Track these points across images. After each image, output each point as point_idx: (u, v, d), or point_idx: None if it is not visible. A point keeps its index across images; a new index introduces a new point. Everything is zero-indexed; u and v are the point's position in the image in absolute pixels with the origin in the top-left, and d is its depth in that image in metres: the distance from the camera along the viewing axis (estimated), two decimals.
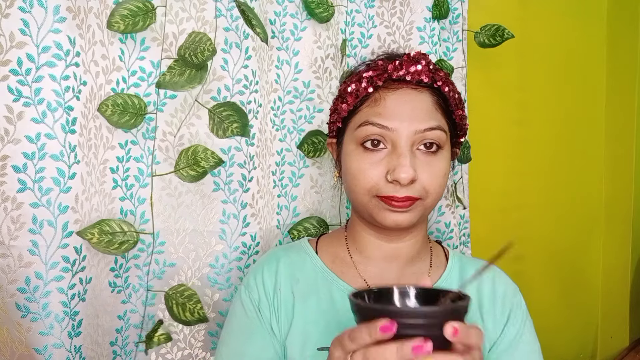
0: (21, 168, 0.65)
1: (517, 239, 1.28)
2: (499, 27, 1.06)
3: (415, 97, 0.66)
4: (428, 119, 0.65)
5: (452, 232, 1.06)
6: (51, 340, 0.66)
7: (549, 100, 1.30)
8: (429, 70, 0.67)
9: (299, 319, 0.67)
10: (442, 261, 0.74)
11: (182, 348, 0.83)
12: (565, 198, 1.36)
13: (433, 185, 0.65)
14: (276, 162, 0.91)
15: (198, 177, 0.78)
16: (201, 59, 0.75)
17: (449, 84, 0.69)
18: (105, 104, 0.73)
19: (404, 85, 0.67)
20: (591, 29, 1.37)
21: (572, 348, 1.42)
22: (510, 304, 0.70)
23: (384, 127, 0.64)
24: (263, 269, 0.71)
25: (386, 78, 0.67)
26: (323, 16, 0.92)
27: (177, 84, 0.77)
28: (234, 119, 0.80)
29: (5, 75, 0.63)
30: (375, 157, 0.65)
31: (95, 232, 0.71)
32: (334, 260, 0.73)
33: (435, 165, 0.66)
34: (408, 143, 0.64)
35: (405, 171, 0.62)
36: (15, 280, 0.65)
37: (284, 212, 0.93)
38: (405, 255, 0.71)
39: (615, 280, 1.43)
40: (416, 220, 0.67)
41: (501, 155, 1.24)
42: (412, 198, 0.64)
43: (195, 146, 0.78)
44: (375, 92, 0.67)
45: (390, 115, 0.65)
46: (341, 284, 0.69)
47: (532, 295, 0.82)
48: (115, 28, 0.73)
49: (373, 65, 0.69)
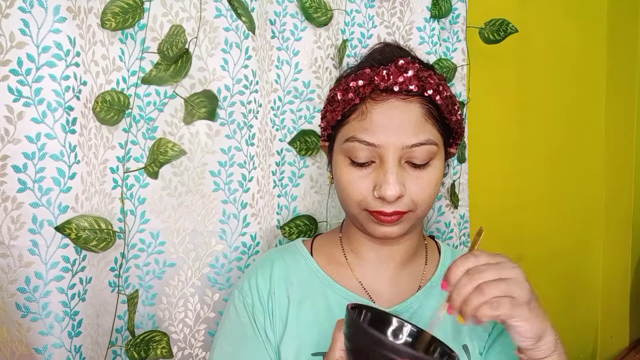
0: (21, 168, 0.65)
1: (517, 239, 1.28)
2: (504, 22, 1.06)
3: (404, 109, 0.63)
4: (417, 133, 0.62)
5: (452, 232, 1.06)
6: (51, 340, 0.67)
7: (549, 100, 1.30)
8: (418, 78, 0.63)
9: (294, 322, 0.67)
10: (436, 257, 0.75)
11: (182, 348, 0.83)
12: (565, 198, 1.36)
13: (422, 198, 0.63)
14: (276, 162, 0.92)
15: (157, 174, 0.77)
16: (175, 51, 0.74)
17: (442, 91, 0.65)
18: (97, 101, 0.72)
19: (392, 97, 0.63)
20: (591, 29, 1.37)
21: (572, 348, 1.41)
22: None
23: (371, 144, 0.62)
24: (257, 274, 0.71)
25: (373, 88, 0.64)
26: (321, 20, 0.92)
27: (162, 79, 0.76)
28: (203, 104, 0.79)
29: (6, 75, 0.63)
30: (364, 171, 0.64)
31: (73, 227, 0.68)
32: (329, 261, 0.72)
33: (425, 177, 0.64)
34: (395, 158, 0.62)
35: (391, 189, 0.60)
36: (15, 280, 0.65)
37: (284, 212, 0.93)
38: (400, 257, 0.71)
39: (615, 280, 1.43)
40: (406, 231, 0.66)
41: (501, 155, 1.24)
42: (400, 212, 0.63)
43: (159, 139, 0.76)
44: (362, 103, 0.64)
45: (376, 130, 0.62)
46: (336, 286, 0.69)
47: None
48: (107, 26, 0.72)
49: (360, 74, 0.65)
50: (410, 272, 0.71)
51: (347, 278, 0.70)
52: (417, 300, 0.68)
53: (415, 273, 0.71)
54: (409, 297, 0.68)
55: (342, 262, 0.72)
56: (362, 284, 0.70)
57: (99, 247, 0.71)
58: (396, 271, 0.71)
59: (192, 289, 0.83)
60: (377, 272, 0.70)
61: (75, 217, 0.68)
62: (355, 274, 0.71)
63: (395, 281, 0.70)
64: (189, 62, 0.77)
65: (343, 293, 0.68)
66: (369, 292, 0.69)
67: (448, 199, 1.06)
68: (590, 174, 1.41)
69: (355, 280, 0.70)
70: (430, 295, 0.69)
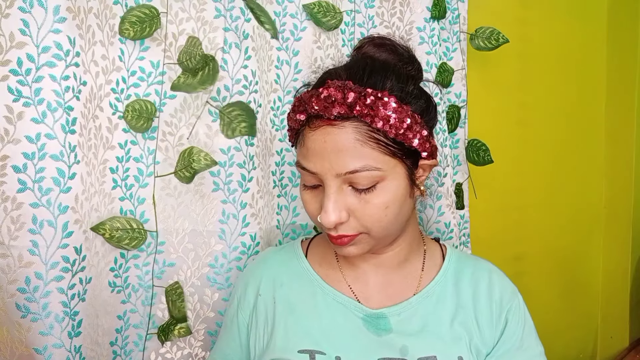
0: (21, 168, 0.65)
1: (517, 239, 1.28)
2: (494, 31, 1.06)
3: (335, 135, 0.58)
4: (350, 160, 0.58)
5: (452, 232, 1.06)
6: (51, 340, 0.67)
7: (549, 100, 1.30)
8: (345, 103, 0.57)
9: (281, 322, 0.67)
10: (437, 262, 0.72)
11: (182, 347, 0.84)
12: (565, 198, 1.36)
13: (371, 222, 0.60)
14: (276, 162, 0.92)
15: (190, 179, 0.78)
16: (193, 63, 0.76)
17: (382, 112, 0.57)
18: (127, 111, 0.76)
19: (324, 123, 0.59)
20: (591, 29, 1.37)
21: (572, 348, 1.42)
22: (507, 306, 0.67)
23: (308, 171, 0.61)
24: (249, 273, 0.74)
25: (307, 115, 0.62)
26: (331, 24, 0.92)
27: (190, 85, 0.77)
28: (242, 119, 0.81)
29: (5, 75, 0.63)
30: (315, 191, 0.63)
31: (107, 228, 0.74)
32: (322, 263, 0.72)
33: (371, 201, 0.59)
34: (334, 185, 0.59)
35: (327, 217, 0.59)
36: (15, 280, 0.65)
37: (283, 212, 0.93)
38: (390, 263, 0.69)
39: (615, 281, 1.43)
40: (368, 250, 0.64)
41: (501, 155, 1.24)
42: (347, 235, 0.61)
43: (191, 148, 0.78)
44: (302, 128, 0.63)
45: (311, 158, 0.60)
46: (325, 287, 0.69)
47: (531, 295, 0.82)
48: (126, 35, 0.75)
49: (298, 99, 0.63)
50: (404, 276, 0.70)
51: (337, 280, 0.70)
52: (409, 305, 0.67)
53: (409, 278, 0.70)
54: (401, 302, 0.67)
55: (333, 264, 0.72)
56: (351, 288, 0.69)
57: (131, 245, 0.77)
58: (387, 276, 0.69)
59: (192, 288, 0.83)
60: (367, 277, 0.70)
61: (108, 219, 0.75)
62: (345, 277, 0.70)
63: (385, 286, 0.69)
64: (216, 69, 0.78)
65: (332, 294, 0.68)
66: (357, 295, 0.68)
67: (448, 199, 1.06)
68: (590, 174, 1.41)
69: (345, 283, 0.70)
70: (426, 302, 0.67)
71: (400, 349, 0.63)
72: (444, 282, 0.69)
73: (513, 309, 0.67)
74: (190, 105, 0.81)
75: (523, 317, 0.68)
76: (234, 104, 0.81)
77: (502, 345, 0.66)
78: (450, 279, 0.69)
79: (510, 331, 0.66)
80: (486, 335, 0.66)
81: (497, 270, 0.71)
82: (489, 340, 0.66)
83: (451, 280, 0.69)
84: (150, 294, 0.81)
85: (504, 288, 0.69)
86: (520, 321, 0.67)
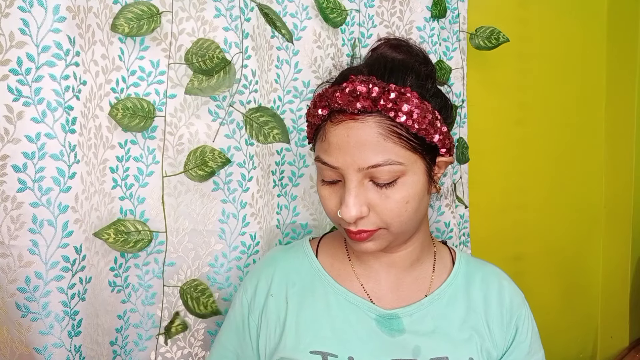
0: (21, 168, 0.65)
1: (517, 239, 1.28)
2: (494, 30, 1.06)
3: (358, 130, 0.59)
4: (373, 155, 0.58)
5: (452, 231, 1.06)
6: (51, 340, 0.67)
7: (549, 100, 1.30)
8: (369, 97, 0.58)
9: (292, 323, 0.67)
10: (447, 265, 0.73)
11: (182, 347, 0.84)
12: (565, 198, 1.36)
13: (391, 216, 0.60)
14: (276, 162, 0.92)
15: (206, 177, 0.79)
16: (210, 65, 0.76)
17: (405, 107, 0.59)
18: (116, 108, 0.74)
19: (347, 117, 0.60)
20: (591, 29, 1.37)
21: (572, 348, 1.42)
22: (517, 313, 0.69)
23: (330, 166, 0.61)
24: (261, 273, 0.73)
25: (329, 109, 0.62)
26: (337, 21, 0.93)
27: (204, 90, 0.77)
28: (274, 125, 0.82)
29: (5, 74, 0.63)
30: (334, 187, 0.63)
31: (112, 232, 0.74)
32: (333, 262, 0.72)
33: (392, 196, 0.60)
34: (355, 179, 0.60)
35: (348, 211, 0.59)
36: (15, 279, 0.65)
37: (283, 211, 0.93)
38: (402, 263, 0.70)
39: (615, 280, 1.43)
40: (386, 246, 0.64)
41: (501, 155, 1.24)
42: (367, 231, 0.61)
43: (204, 146, 0.78)
44: (323, 123, 0.63)
45: (333, 152, 0.61)
46: (337, 287, 0.69)
47: (532, 295, 0.82)
48: (119, 30, 0.73)
49: (320, 94, 0.64)
50: (416, 277, 0.70)
51: (349, 280, 0.70)
52: (421, 306, 0.67)
53: (421, 279, 0.70)
54: (414, 303, 0.68)
55: (345, 264, 0.72)
56: (363, 287, 0.69)
57: (136, 247, 0.76)
58: (399, 276, 0.70)
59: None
60: (379, 276, 0.70)
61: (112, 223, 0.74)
62: (357, 276, 0.70)
63: (397, 286, 0.69)
64: (233, 72, 0.78)
65: (344, 294, 0.68)
66: (370, 295, 0.69)
67: (448, 198, 1.06)
68: (590, 174, 1.41)
69: (357, 283, 0.70)
70: (437, 304, 0.68)
71: (412, 349, 0.64)
72: (454, 285, 0.70)
73: (523, 316, 0.69)
74: (190, 105, 0.81)
75: (531, 325, 0.70)
76: (258, 109, 0.82)
77: (512, 352, 0.67)
78: (461, 282, 0.70)
79: (521, 339, 0.68)
80: (497, 339, 0.67)
81: (505, 276, 0.73)
82: (500, 344, 0.67)
83: (462, 283, 0.70)
84: (150, 294, 0.81)
85: (514, 295, 0.71)
86: (529, 329, 0.69)
